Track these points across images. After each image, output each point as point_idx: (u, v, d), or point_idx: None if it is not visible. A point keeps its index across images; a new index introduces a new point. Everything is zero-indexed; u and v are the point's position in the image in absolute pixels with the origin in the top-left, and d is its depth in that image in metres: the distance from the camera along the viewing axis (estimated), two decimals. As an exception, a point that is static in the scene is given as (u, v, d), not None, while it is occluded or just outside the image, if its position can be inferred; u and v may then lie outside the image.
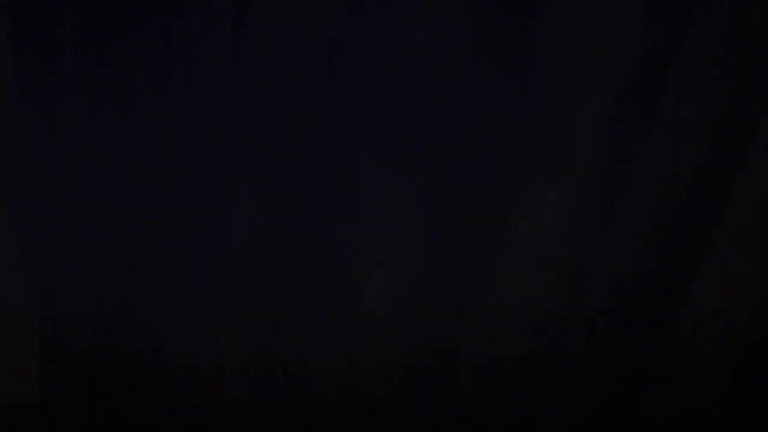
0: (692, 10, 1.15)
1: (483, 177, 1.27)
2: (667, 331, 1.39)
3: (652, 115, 1.23)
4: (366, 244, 1.34)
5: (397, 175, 1.28)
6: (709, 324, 1.38)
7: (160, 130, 1.25)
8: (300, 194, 1.29)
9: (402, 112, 1.22)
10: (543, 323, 1.39)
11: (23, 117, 1.23)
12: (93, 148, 1.27)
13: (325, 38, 1.18)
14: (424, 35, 1.17)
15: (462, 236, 1.33)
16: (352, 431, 1.46)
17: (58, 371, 1.45)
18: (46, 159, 1.27)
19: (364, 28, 1.17)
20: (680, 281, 1.35)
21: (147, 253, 1.35)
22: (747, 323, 1.38)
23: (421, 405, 1.45)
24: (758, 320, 1.38)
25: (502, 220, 1.31)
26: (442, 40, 1.18)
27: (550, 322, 1.39)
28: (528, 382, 1.43)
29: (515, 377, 1.42)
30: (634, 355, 1.42)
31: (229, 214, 1.31)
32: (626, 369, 1.44)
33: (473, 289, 1.37)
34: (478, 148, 1.25)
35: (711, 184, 1.28)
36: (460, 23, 1.17)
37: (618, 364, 1.43)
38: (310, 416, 1.47)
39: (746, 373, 1.43)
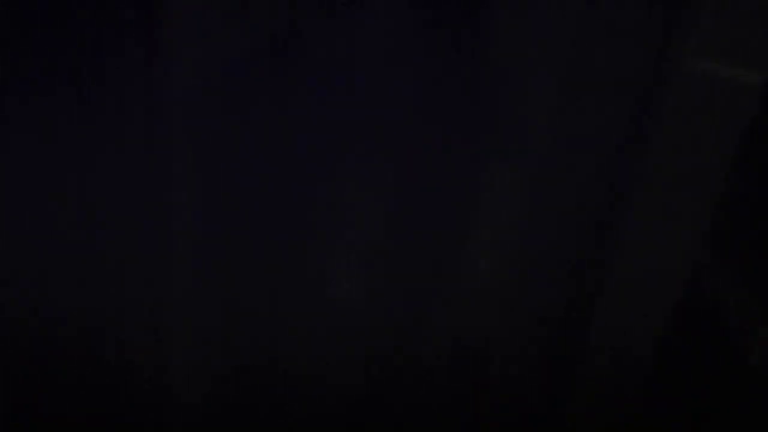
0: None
1: (442, 162, 1.28)
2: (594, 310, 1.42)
3: (592, 92, 1.26)
4: (330, 234, 1.34)
5: (360, 164, 1.28)
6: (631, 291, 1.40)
7: (104, 128, 1.25)
8: (258, 184, 1.29)
9: (357, 101, 1.23)
10: (500, 308, 1.41)
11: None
12: (33, 145, 1.26)
13: (275, 29, 1.18)
14: (377, 23, 1.18)
15: (426, 224, 1.34)
16: (318, 419, 1.46)
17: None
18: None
19: (316, 19, 1.17)
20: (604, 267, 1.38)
21: (92, 248, 1.34)
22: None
23: (385, 391, 1.45)
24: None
25: (465, 205, 1.32)
26: (394, 28, 1.18)
27: (505, 307, 1.40)
28: (481, 365, 1.44)
29: (471, 361, 1.43)
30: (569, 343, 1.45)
31: (181, 205, 1.30)
32: (564, 350, 1.46)
33: (438, 277, 1.38)
34: (435, 133, 1.27)
35: (632, 154, 1.31)
36: (412, 11, 1.18)
37: (556, 347, 1.46)
38: (276, 408, 1.46)
39: (665, 365, 1.47)
